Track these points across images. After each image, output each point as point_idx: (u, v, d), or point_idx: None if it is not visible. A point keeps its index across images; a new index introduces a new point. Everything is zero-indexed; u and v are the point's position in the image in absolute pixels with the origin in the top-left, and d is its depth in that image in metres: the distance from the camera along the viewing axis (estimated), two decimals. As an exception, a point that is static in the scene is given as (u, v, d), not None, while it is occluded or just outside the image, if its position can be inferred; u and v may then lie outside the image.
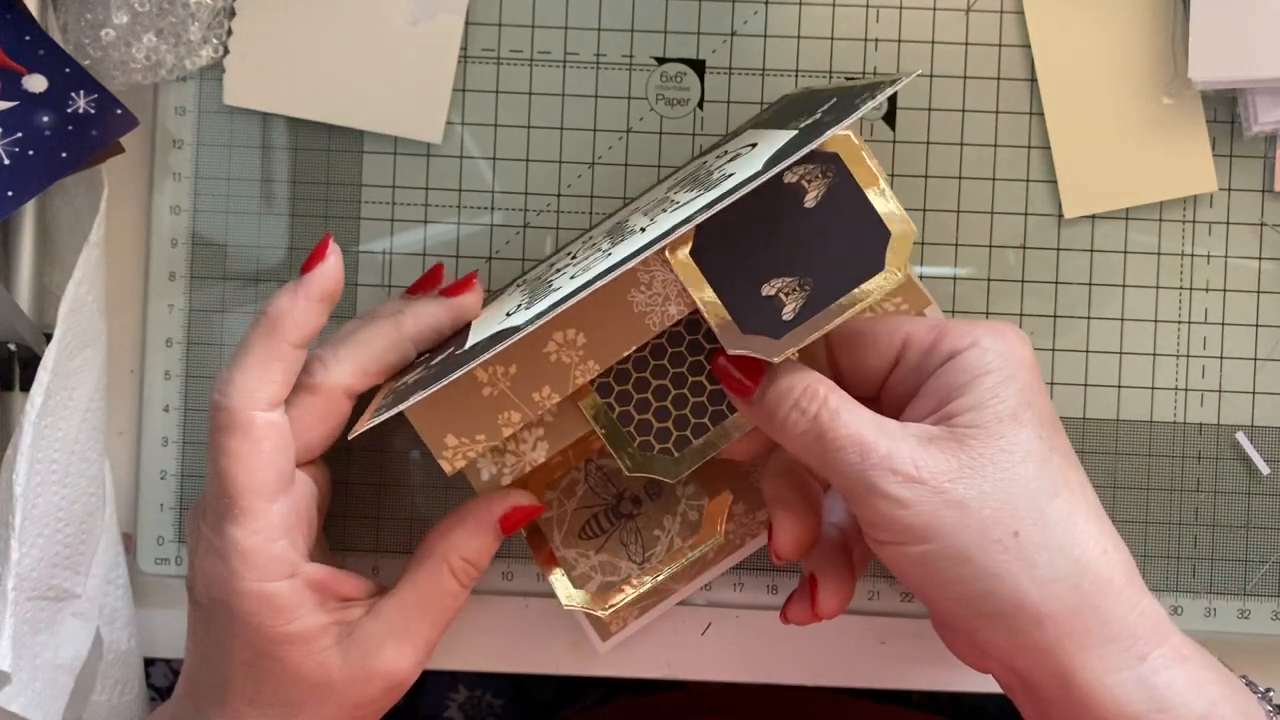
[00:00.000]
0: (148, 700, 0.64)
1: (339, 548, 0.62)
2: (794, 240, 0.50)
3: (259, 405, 0.53)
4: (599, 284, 0.48)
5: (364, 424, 0.53)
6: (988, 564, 0.48)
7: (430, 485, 0.63)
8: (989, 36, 0.62)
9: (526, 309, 0.51)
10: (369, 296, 0.62)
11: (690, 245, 0.51)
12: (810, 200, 0.51)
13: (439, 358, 0.53)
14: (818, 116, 0.50)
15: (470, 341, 0.52)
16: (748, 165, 0.49)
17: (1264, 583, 0.62)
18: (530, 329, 0.48)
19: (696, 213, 0.47)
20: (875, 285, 0.50)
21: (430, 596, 0.55)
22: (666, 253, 0.51)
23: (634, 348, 0.53)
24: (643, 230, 0.51)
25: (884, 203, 0.50)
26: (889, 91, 0.49)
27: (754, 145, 0.52)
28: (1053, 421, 0.50)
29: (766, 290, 0.50)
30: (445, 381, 0.49)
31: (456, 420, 0.54)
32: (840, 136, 0.50)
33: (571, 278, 0.51)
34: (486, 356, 0.48)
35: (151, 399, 0.63)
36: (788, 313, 0.50)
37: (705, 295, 0.51)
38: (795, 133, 0.50)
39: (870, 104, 0.48)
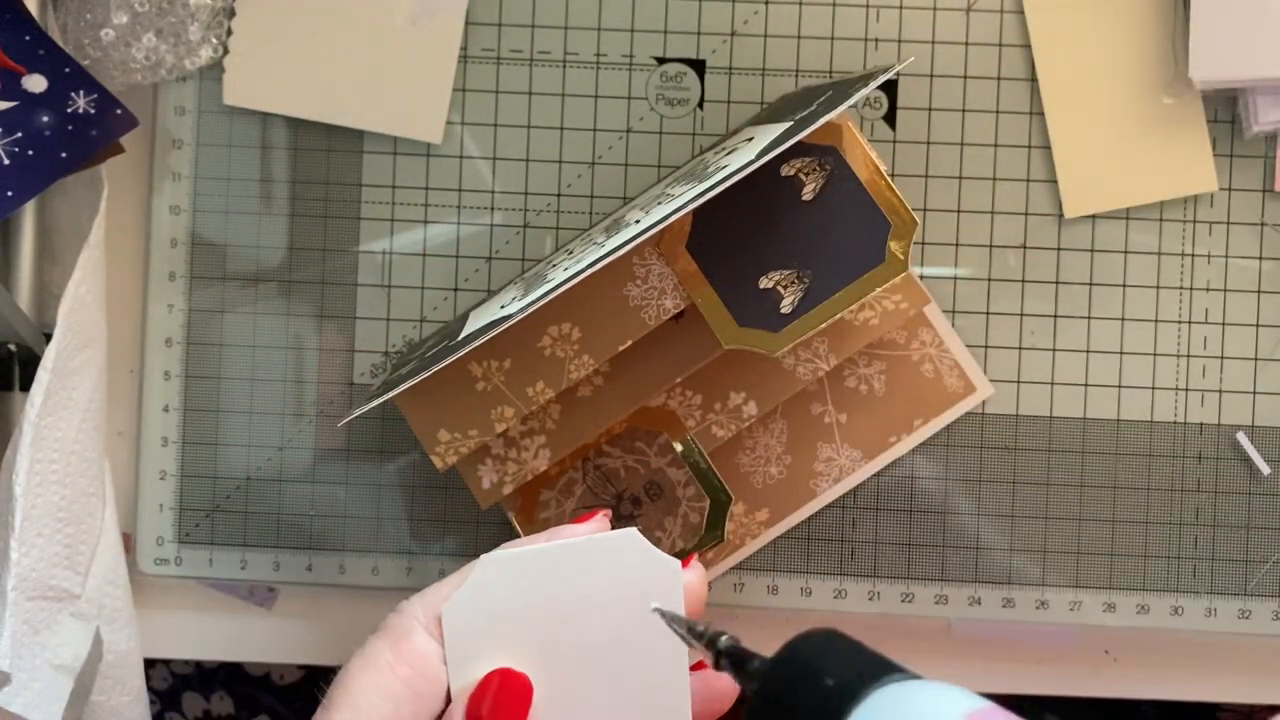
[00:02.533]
0: (148, 701, 0.64)
1: (339, 548, 0.62)
2: (792, 233, 0.50)
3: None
4: (589, 271, 0.47)
5: (355, 413, 0.53)
6: None
7: (430, 486, 0.62)
8: (989, 36, 0.62)
9: (520, 300, 0.51)
10: (369, 296, 0.62)
11: (687, 239, 0.51)
12: (808, 193, 0.51)
13: (433, 350, 0.53)
14: (813, 108, 0.50)
15: (464, 333, 0.52)
16: (742, 157, 0.49)
17: (1265, 583, 0.62)
18: (519, 317, 0.48)
19: (689, 201, 0.47)
20: (877, 276, 0.50)
21: None
22: (661, 247, 0.51)
23: (629, 342, 0.53)
24: (637, 223, 0.51)
25: (884, 194, 0.50)
26: (881, 79, 0.49)
27: (751, 139, 0.52)
28: None
29: (764, 283, 0.50)
30: (435, 369, 0.49)
31: (449, 415, 0.54)
32: (838, 128, 0.50)
33: (565, 269, 0.51)
34: (477, 344, 0.48)
35: (151, 399, 0.63)
36: (786, 305, 0.50)
37: (701, 289, 0.51)
38: (790, 124, 0.50)
39: (863, 91, 0.48)
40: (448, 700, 0.49)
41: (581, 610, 0.48)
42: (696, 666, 0.50)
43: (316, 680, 1.10)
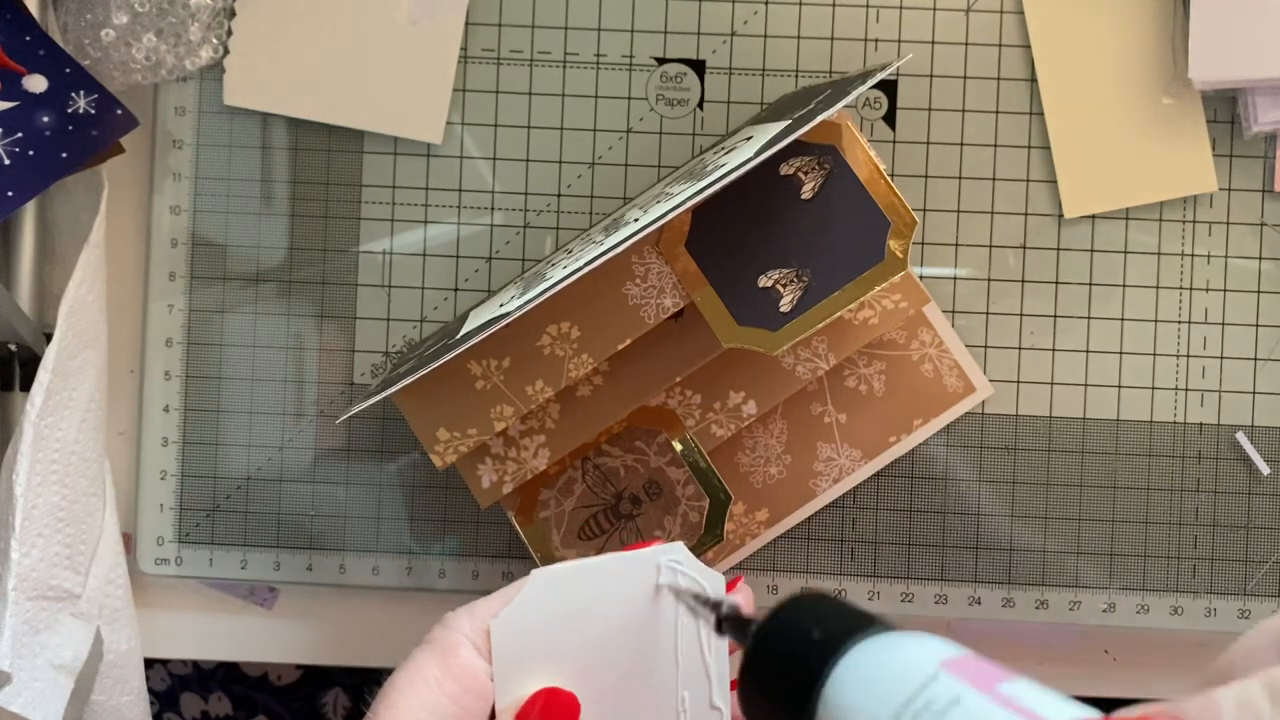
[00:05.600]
0: (148, 700, 0.64)
1: (339, 548, 0.62)
2: (792, 232, 0.50)
3: None
4: (588, 269, 0.48)
5: (352, 410, 0.53)
6: None
7: (430, 486, 0.62)
8: (989, 36, 0.62)
9: (519, 299, 0.51)
10: (369, 296, 0.62)
11: (686, 238, 0.51)
12: (807, 192, 0.51)
13: (433, 350, 0.53)
14: (811, 107, 0.50)
15: (463, 332, 0.52)
16: (740, 156, 0.49)
17: (1264, 583, 0.62)
18: (518, 314, 0.48)
19: (688, 199, 0.47)
20: (876, 275, 0.50)
21: None
22: (661, 246, 0.51)
23: (628, 341, 0.53)
24: (636, 221, 0.51)
25: (883, 193, 0.50)
26: (879, 76, 0.49)
27: (750, 139, 0.52)
28: None
29: (764, 282, 0.50)
30: (433, 366, 0.49)
31: (449, 414, 0.54)
32: (837, 127, 0.50)
33: (565, 268, 0.51)
34: (475, 342, 0.48)
35: (151, 399, 0.63)
36: (785, 304, 0.51)
37: (701, 288, 0.51)
38: (789, 122, 0.50)
39: (861, 88, 0.48)
40: (492, 716, 0.48)
41: (628, 625, 0.48)
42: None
43: (314, 681, 1.11)
